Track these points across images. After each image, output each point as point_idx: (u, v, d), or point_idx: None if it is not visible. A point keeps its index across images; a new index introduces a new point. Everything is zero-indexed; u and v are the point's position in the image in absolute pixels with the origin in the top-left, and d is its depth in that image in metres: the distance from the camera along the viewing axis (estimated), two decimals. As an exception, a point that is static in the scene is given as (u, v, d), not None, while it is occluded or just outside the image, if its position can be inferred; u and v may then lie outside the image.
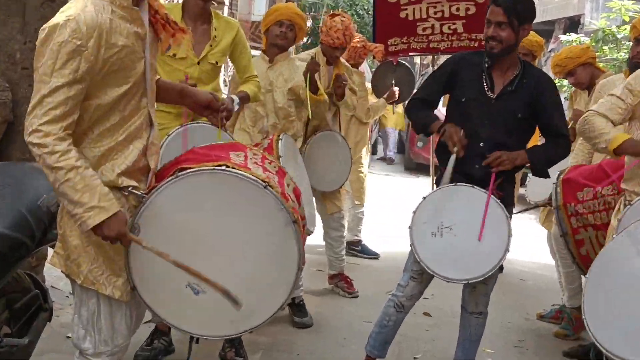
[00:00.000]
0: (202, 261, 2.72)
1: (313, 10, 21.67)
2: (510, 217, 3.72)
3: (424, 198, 3.75)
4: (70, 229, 2.68)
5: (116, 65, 2.60)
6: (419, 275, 3.81)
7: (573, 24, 16.94)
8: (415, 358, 4.68)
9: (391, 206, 9.35)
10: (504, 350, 4.91)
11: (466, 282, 3.66)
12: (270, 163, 3.07)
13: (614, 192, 3.96)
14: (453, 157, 3.68)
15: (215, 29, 4.26)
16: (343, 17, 5.53)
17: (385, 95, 6.73)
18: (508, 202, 3.77)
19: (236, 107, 4.22)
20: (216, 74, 4.51)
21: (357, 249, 6.97)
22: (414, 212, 3.72)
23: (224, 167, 2.77)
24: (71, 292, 4.89)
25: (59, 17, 2.52)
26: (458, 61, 3.91)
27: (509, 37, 3.58)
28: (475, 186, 3.64)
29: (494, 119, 3.74)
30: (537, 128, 3.89)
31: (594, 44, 10.60)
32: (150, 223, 2.70)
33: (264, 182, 2.75)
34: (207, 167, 2.78)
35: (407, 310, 3.96)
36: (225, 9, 12.85)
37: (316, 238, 5.65)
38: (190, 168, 2.78)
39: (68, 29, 2.46)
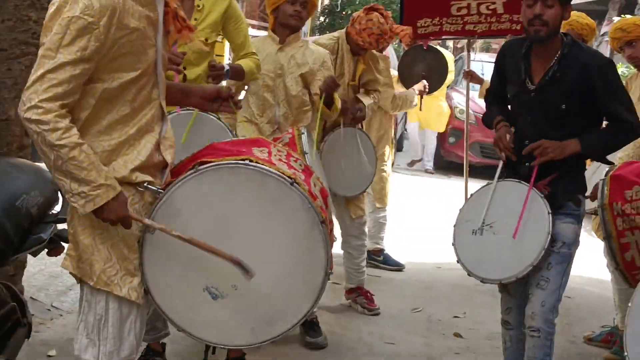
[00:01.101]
0: (222, 263, 2.78)
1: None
2: (579, 218, 3.75)
3: (472, 195, 3.83)
4: (81, 228, 2.77)
5: (126, 48, 2.68)
6: (502, 286, 3.81)
7: (630, 4, 16.81)
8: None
9: (418, 210, 9.34)
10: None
11: (498, 282, 3.66)
12: (295, 161, 3.13)
13: None
14: (500, 165, 3.71)
15: (199, 5, 4.24)
16: (382, 14, 5.40)
17: (415, 86, 6.70)
18: (560, 200, 3.68)
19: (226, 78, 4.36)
20: (208, 54, 4.46)
21: (379, 259, 6.93)
22: (460, 210, 3.82)
23: (247, 162, 2.84)
24: (53, 304, 4.96)
25: None
26: (503, 50, 3.88)
27: (556, 17, 3.52)
28: (521, 181, 3.63)
29: (535, 114, 3.69)
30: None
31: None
32: (166, 220, 2.77)
33: (291, 178, 2.82)
34: (228, 161, 2.85)
35: (516, 325, 3.87)
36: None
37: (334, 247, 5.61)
38: (212, 162, 2.85)
39: (80, 4, 2.54)
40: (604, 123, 3.92)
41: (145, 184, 2.79)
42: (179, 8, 2.92)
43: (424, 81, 6.81)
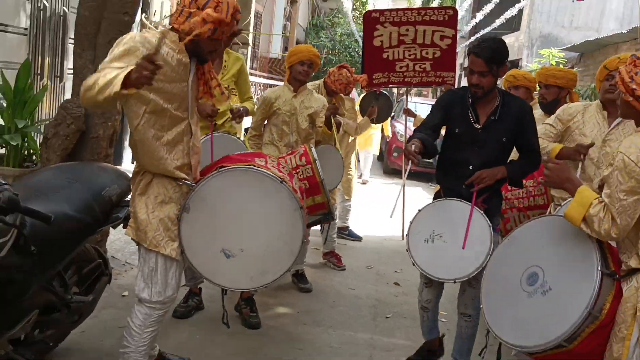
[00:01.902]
0: (233, 233, 2.88)
1: (316, 48, 21.60)
2: (496, 226, 3.40)
3: (419, 210, 3.45)
4: (139, 207, 2.78)
5: (161, 76, 2.57)
6: (429, 281, 3.53)
7: (513, 65, 16.92)
8: (387, 317, 4.65)
9: (372, 201, 9.28)
10: (454, 314, 4.87)
11: (453, 281, 3.30)
12: (283, 167, 3.20)
13: (535, 185, 4.01)
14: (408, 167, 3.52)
15: (225, 61, 4.24)
16: (348, 70, 5.37)
17: (367, 114, 6.69)
18: (493, 213, 3.42)
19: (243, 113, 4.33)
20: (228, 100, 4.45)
21: (345, 233, 6.90)
22: (410, 223, 3.43)
23: (252, 166, 2.91)
24: (127, 260, 4.92)
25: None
26: (452, 98, 3.51)
27: (490, 83, 3.27)
28: (462, 200, 3.33)
29: (481, 146, 3.37)
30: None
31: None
32: (197, 204, 2.84)
33: (280, 178, 2.89)
34: (240, 166, 2.92)
35: (433, 309, 3.64)
36: (249, 48, 12.77)
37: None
38: (228, 166, 2.92)
39: (128, 36, 2.58)
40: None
41: (183, 180, 2.82)
42: (210, 78, 2.89)
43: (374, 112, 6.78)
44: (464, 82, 3.70)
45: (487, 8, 15.67)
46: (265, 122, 4.80)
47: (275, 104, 4.66)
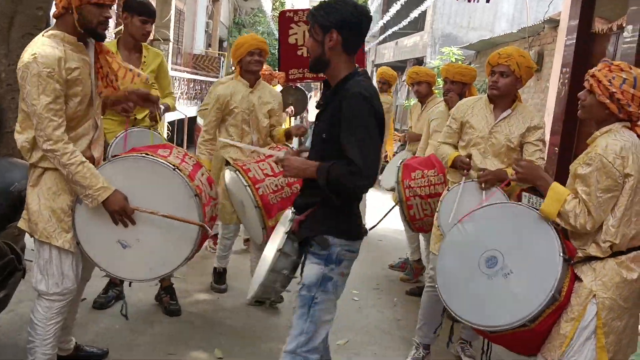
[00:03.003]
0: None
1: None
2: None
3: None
4: (31, 199, 2.60)
5: (74, 82, 2.52)
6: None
7: (419, 62, 17.27)
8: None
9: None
10: (366, 291, 4.91)
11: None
12: (190, 158, 2.99)
13: (435, 174, 4.05)
14: None
15: (145, 57, 4.01)
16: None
17: (287, 110, 6.60)
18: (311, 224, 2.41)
19: (163, 111, 4.02)
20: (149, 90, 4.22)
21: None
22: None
23: (146, 155, 2.73)
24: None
25: (26, 57, 2.44)
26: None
27: (312, 48, 2.39)
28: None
29: (313, 144, 2.49)
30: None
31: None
32: None
33: (174, 165, 2.70)
34: (133, 154, 2.74)
35: None
36: (171, 45, 12.35)
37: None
38: (121, 155, 2.76)
39: (38, 63, 2.40)
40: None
41: None
42: (110, 71, 2.73)
43: (292, 108, 6.72)
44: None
45: (394, 9, 15.89)
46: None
47: (231, 102, 4.14)
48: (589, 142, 2.53)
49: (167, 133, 6.84)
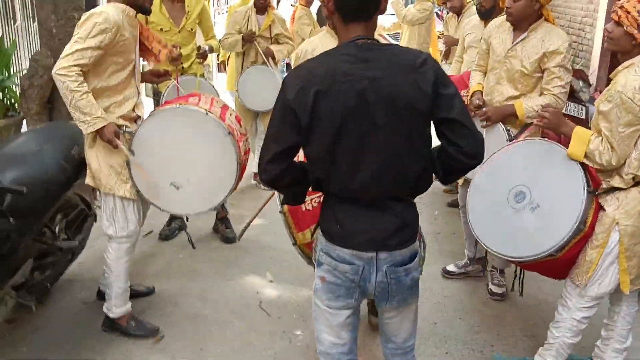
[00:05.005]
0: (176, 167, 2.99)
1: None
2: None
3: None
4: (91, 158, 2.92)
5: (122, 47, 2.81)
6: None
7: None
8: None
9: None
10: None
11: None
12: (217, 102, 3.29)
13: (466, 95, 3.80)
14: None
15: (187, 5, 4.18)
16: None
17: None
18: None
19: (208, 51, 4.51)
20: (193, 38, 4.46)
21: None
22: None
23: (180, 105, 3.03)
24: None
25: (96, 10, 2.76)
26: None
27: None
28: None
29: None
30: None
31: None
32: (139, 147, 2.94)
33: (206, 110, 2.99)
34: (169, 106, 3.02)
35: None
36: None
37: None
38: (158, 109, 3.06)
39: (102, 17, 2.70)
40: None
41: (124, 128, 2.93)
42: (155, 46, 3.13)
43: None
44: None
45: None
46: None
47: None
48: (611, 77, 2.53)
49: (219, 68, 7.02)
